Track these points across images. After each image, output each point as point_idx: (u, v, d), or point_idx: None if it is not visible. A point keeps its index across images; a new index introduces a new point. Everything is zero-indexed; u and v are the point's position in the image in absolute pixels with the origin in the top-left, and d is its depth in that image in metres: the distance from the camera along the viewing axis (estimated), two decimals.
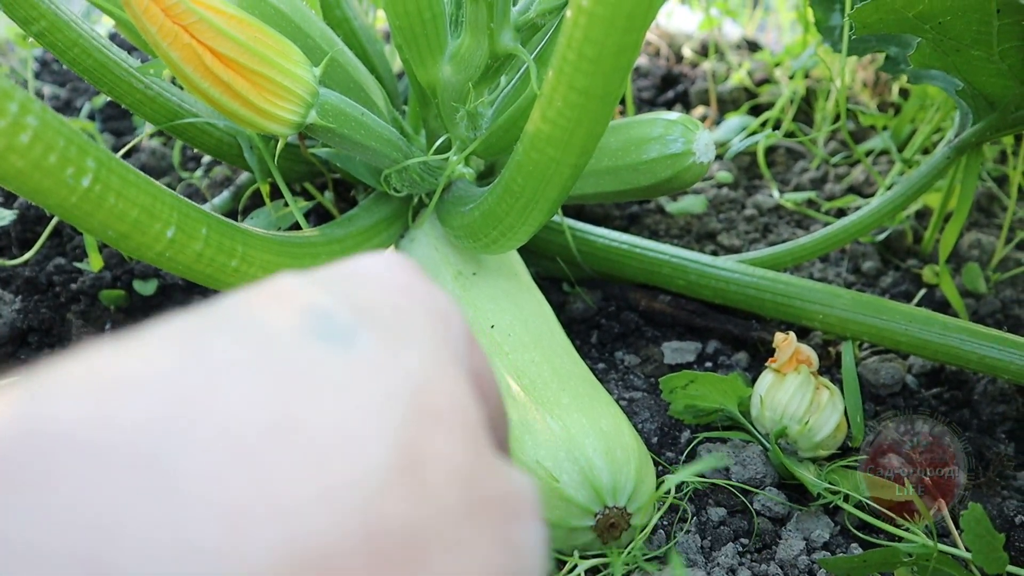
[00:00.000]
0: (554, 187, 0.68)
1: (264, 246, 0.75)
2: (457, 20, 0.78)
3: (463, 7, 0.75)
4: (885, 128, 1.37)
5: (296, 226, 0.93)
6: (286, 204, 0.93)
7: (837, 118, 1.40)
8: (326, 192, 1.11)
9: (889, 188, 1.19)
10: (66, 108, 1.57)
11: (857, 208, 1.22)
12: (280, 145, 0.77)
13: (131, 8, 0.63)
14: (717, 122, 1.48)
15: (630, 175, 0.86)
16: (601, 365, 0.97)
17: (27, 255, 1.01)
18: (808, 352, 0.83)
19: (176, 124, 0.92)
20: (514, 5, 0.76)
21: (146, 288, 1.03)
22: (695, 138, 0.83)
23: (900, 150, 1.31)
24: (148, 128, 1.41)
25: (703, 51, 1.75)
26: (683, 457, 0.84)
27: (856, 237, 1.02)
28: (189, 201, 0.70)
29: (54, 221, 1.05)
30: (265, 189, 0.97)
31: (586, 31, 0.55)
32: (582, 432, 0.69)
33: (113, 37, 1.63)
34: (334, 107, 0.75)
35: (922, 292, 1.07)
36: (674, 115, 0.85)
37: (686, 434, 0.87)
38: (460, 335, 0.37)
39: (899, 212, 1.02)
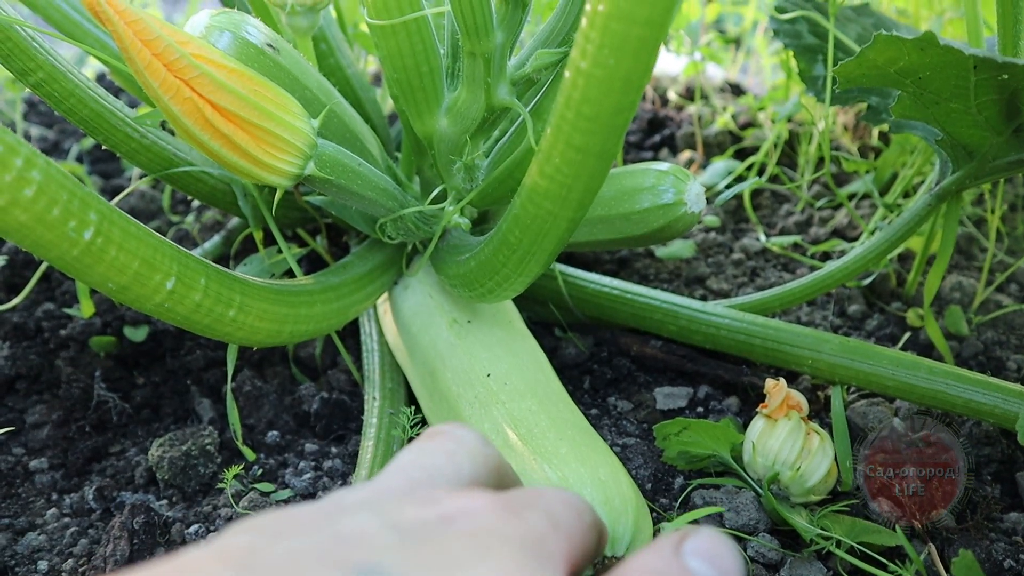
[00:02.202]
0: (551, 240, 0.69)
1: (262, 295, 0.76)
2: (454, 73, 0.79)
3: (460, 61, 0.77)
4: (868, 172, 1.40)
5: (289, 271, 0.94)
6: (279, 250, 0.93)
7: (820, 162, 1.43)
8: (318, 238, 1.11)
9: (873, 233, 1.21)
10: (54, 150, 1.56)
11: (841, 252, 1.24)
12: (278, 196, 0.78)
13: (133, 63, 0.64)
14: (703, 166, 1.50)
15: (623, 224, 0.87)
16: (594, 411, 0.97)
17: (15, 300, 1.00)
18: (798, 398, 0.84)
19: (171, 172, 0.92)
20: (510, 59, 0.77)
21: (137, 334, 1.03)
22: (686, 188, 0.85)
23: (883, 193, 1.34)
24: (137, 173, 1.41)
25: (688, 94, 1.78)
26: (677, 504, 0.84)
27: (842, 282, 1.04)
28: (188, 252, 0.70)
29: (43, 266, 1.04)
30: (258, 235, 0.97)
31: (584, 92, 0.57)
32: (580, 482, 0.70)
33: (101, 79, 1.64)
34: (332, 158, 0.76)
35: (907, 335, 1.09)
36: (665, 165, 0.87)
37: (679, 480, 0.87)
38: (557, 552, 0.39)
39: (883, 257, 1.04)
